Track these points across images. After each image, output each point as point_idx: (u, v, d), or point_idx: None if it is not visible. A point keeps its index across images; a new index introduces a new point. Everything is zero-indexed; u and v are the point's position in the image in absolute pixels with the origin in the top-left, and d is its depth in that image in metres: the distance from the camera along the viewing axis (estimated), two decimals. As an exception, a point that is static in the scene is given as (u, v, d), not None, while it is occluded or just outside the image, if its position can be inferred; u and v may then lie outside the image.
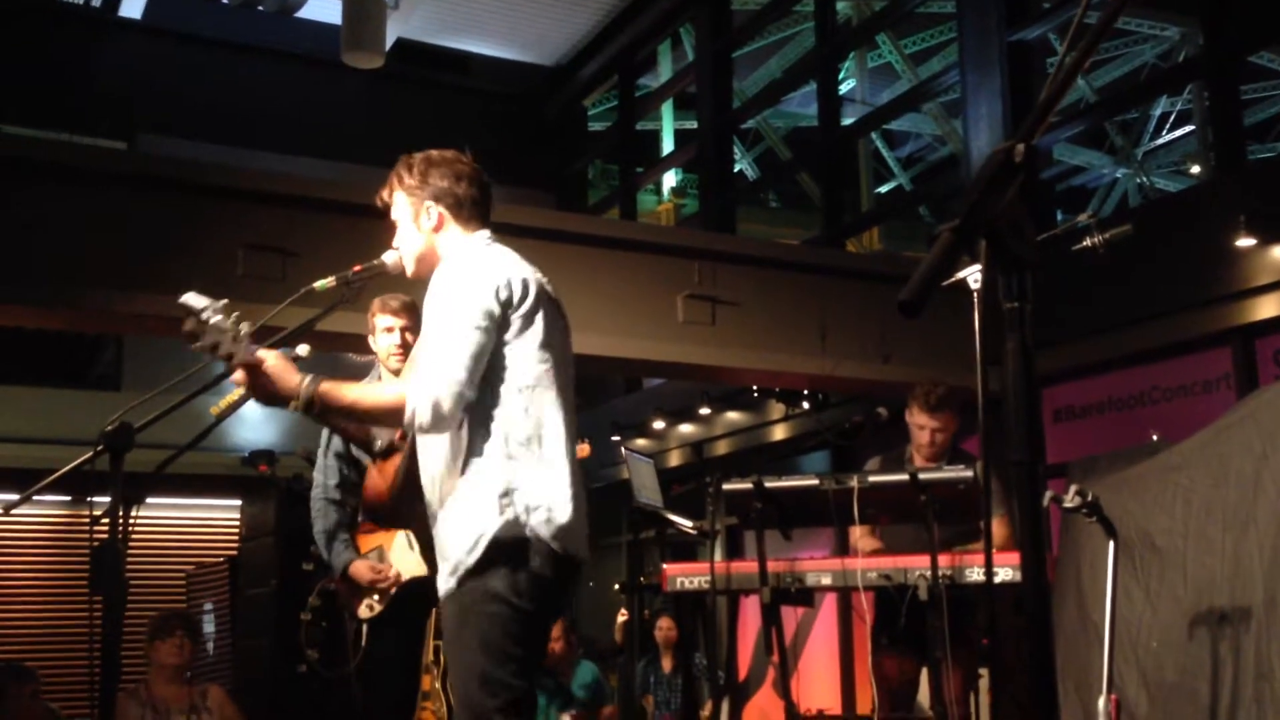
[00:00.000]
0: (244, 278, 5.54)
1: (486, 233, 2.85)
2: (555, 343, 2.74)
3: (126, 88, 10.49)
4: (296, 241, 5.60)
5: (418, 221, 2.83)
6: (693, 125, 11.25)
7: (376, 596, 4.15)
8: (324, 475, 4.27)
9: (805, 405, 8.30)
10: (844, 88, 11.28)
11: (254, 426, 9.74)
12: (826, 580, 4.22)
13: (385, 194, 2.90)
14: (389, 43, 10.08)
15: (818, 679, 8.09)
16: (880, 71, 12.11)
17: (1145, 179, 12.66)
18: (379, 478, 3.77)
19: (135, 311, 5.63)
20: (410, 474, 3.02)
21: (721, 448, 9.56)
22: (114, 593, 2.67)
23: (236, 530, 7.67)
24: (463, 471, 2.63)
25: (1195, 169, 12.38)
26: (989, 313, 1.24)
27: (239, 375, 2.59)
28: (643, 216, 11.99)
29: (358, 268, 2.98)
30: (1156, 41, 11.43)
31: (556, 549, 2.60)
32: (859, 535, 4.43)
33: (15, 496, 2.99)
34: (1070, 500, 3.31)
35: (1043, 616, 1.20)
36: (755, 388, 8.44)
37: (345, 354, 8.26)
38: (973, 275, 3.01)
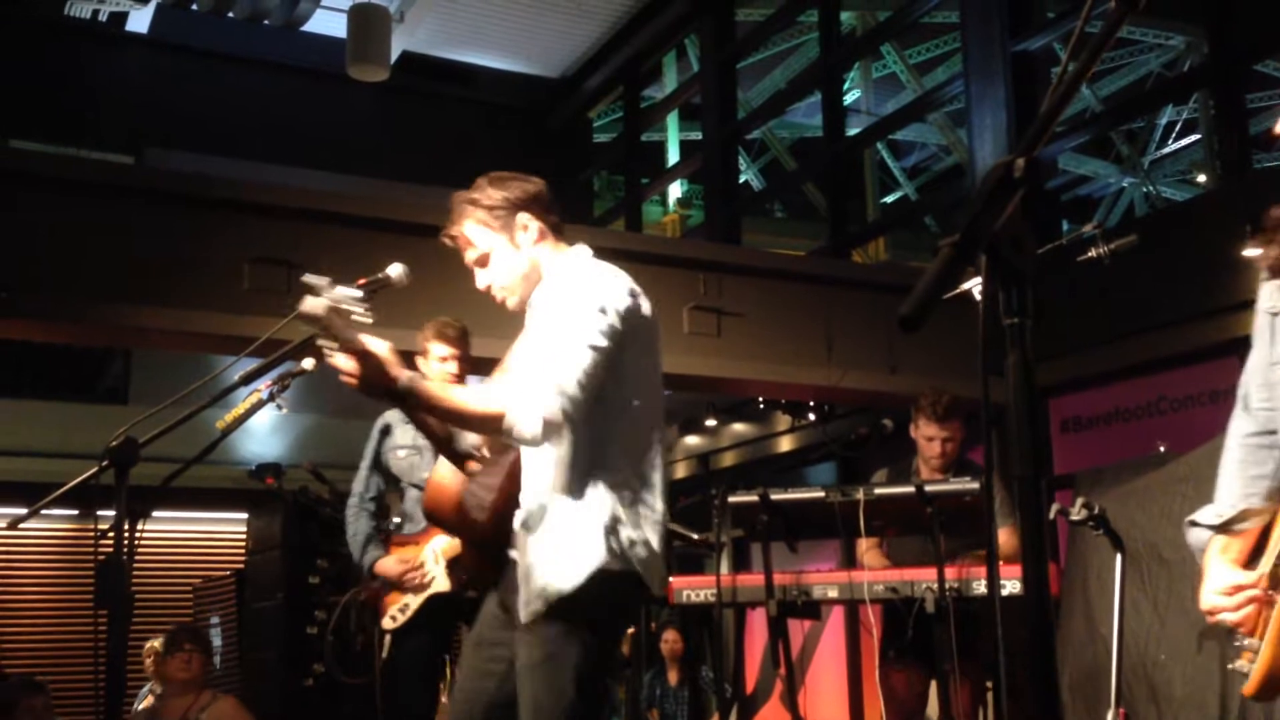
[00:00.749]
0: (249, 291, 5.56)
1: (585, 246, 2.73)
2: (656, 367, 2.65)
3: (134, 102, 10.54)
4: (302, 254, 5.60)
5: (514, 239, 2.67)
6: (698, 136, 11.27)
7: (401, 607, 4.21)
8: (362, 486, 4.40)
9: (811, 417, 8.29)
10: (849, 98, 11.30)
11: (261, 440, 9.75)
12: (833, 593, 4.21)
13: (453, 229, 2.72)
14: (394, 56, 10.11)
15: (825, 692, 8.07)
16: (885, 82, 12.12)
17: (1152, 188, 12.65)
18: (446, 480, 3.66)
19: (142, 325, 5.65)
20: (510, 486, 2.89)
21: (727, 459, 9.55)
22: (119, 607, 2.67)
23: (243, 543, 7.68)
24: (567, 495, 2.52)
25: (1202, 178, 12.37)
26: (991, 325, 1.24)
27: (345, 362, 2.45)
28: (648, 228, 12.00)
29: (363, 281, 2.98)
30: (1162, 51, 11.43)
31: (647, 584, 2.54)
32: (864, 549, 4.42)
33: (23, 510, 2.99)
34: (1077, 513, 3.30)
35: (1045, 630, 1.20)
36: (761, 399, 8.43)
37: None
38: (977, 286, 3.01)
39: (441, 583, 4.16)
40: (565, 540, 2.50)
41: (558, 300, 2.57)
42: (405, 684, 4.24)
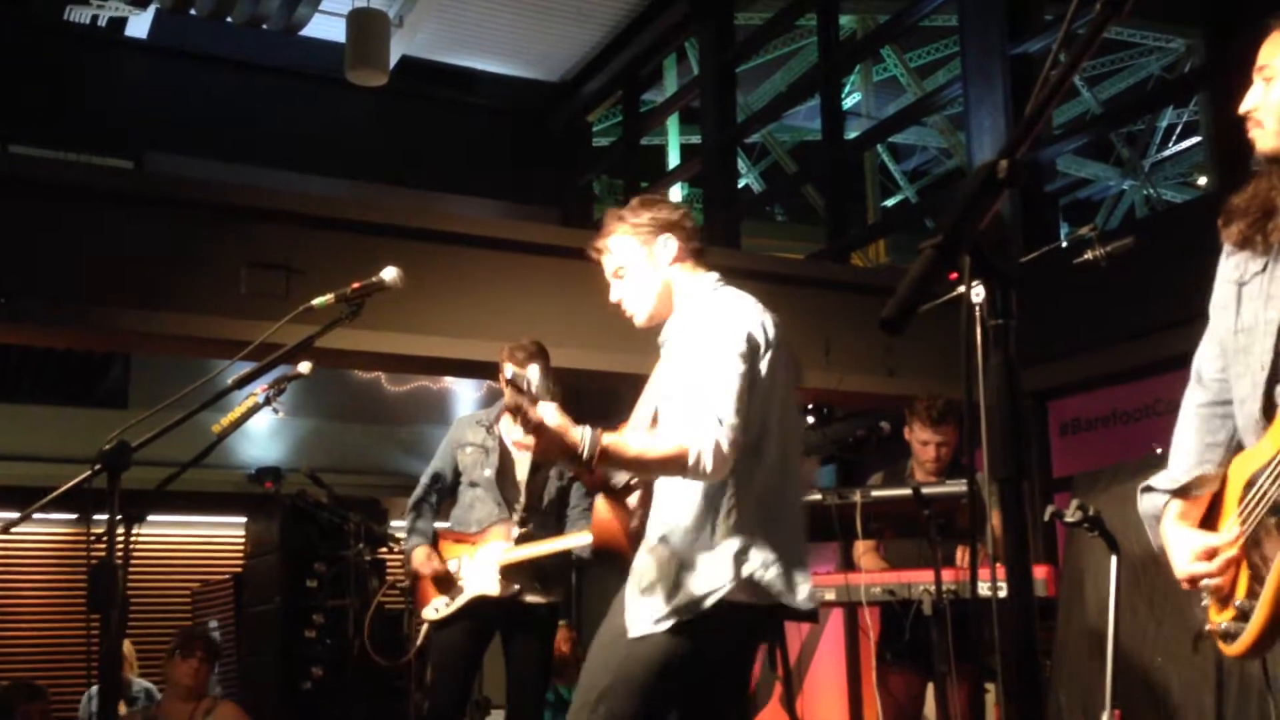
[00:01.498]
0: (247, 295, 5.57)
1: (716, 275, 2.78)
2: (787, 393, 2.68)
3: (132, 107, 10.55)
4: (300, 259, 5.62)
5: (652, 257, 2.74)
6: (698, 140, 11.27)
7: (445, 601, 4.30)
8: (426, 477, 4.58)
9: (810, 419, 8.29)
10: (849, 101, 11.30)
11: (259, 444, 9.75)
12: (830, 595, 4.21)
13: (600, 243, 2.81)
14: (393, 60, 10.12)
15: (824, 694, 8.06)
16: (885, 85, 12.12)
17: (1152, 190, 12.64)
18: (614, 517, 3.65)
19: (140, 329, 5.66)
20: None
21: (728, 462, 9.54)
22: (111, 611, 2.67)
23: (242, 547, 7.68)
24: (706, 520, 2.55)
25: (1203, 180, 12.36)
26: (981, 327, 1.24)
27: (528, 438, 2.53)
28: (648, 231, 11.98)
29: (356, 285, 2.99)
30: (1162, 53, 11.43)
31: (791, 606, 2.57)
32: (861, 551, 4.42)
33: (16, 515, 3.00)
34: (1072, 515, 3.30)
35: (1029, 633, 1.20)
36: (760, 402, 8.42)
37: (349, 371, 8.29)
38: (975, 290, 3.00)
39: (490, 586, 4.24)
40: (693, 565, 2.53)
41: (698, 330, 2.60)
42: (439, 677, 4.33)
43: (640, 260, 2.75)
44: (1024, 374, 1.36)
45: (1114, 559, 3.32)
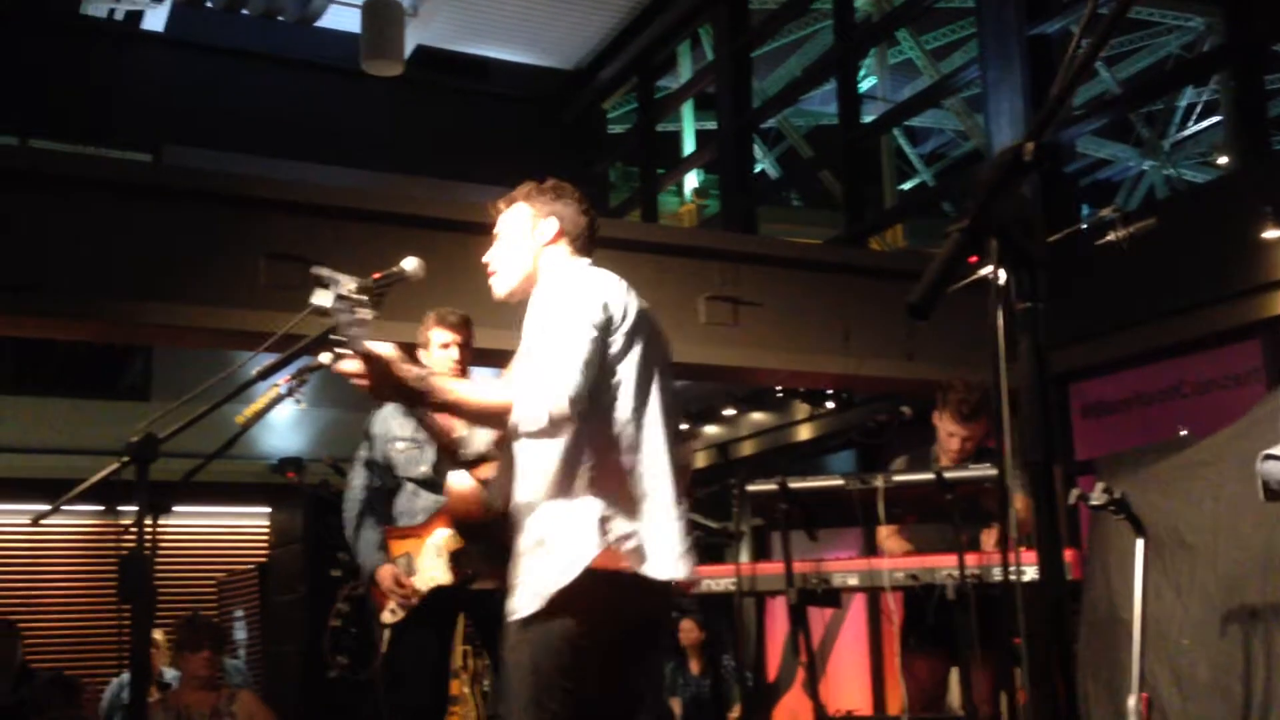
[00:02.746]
0: (266, 287, 5.58)
1: (588, 261, 2.84)
2: (656, 364, 2.69)
3: (150, 100, 10.59)
4: (318, 250, 5.62)
5: (532, 232, 2.80)
6: (713, 126, 11.23)
7: (400, 601, 4.17)
8: (359, 479, 4.33)
9: (830, 405, 8.28)
10: (865, 85, 11.24)
11: (281, 434, 9.80)
12: (853, 581, 4.20)
13: (502, 204, 2.88)
14: (408, 50, 10.12)
15: (847, 680, 8.06)
16: (901, 68, 12.05)
17: (1173, 171, 12.54)
18: (467, 489, 3.68)
19: (162, 321, 5.68)
20: (505, 486, 2.94)
21: (746, 448, 9.54)
22: (141, 600, 2.69)
23: (266, 537, 7.72)
24: (562, 492, 2.56)
25: (1223, 160, 12.26)
26: (1005, 311, 1.23)
27: (353, 365, 2.50)
28: (664, 218, 11.98)
29: (377, 275, 2.99)
30: (1181, 32, 11.32)
31: (642, 574, 2.55)
32: (885, 535, 4.40)
33: (47, 507, 3.02)
34: (1097, 498, 3.28)
35: (1060, 616, 1.19)
36: (779, 388, 8.42)
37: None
38: (999, 272, 2.97)
39: (442, 575, 4.11)
40: (559, 538, 2.54)
41: (553, 299, 2.64)
42: (409, 679, 4.20)
43: (522, 231, 2.82)
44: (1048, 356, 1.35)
45: (1140, 542, 3.31)
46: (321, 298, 2.44)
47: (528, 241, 2.81)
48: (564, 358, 2.51)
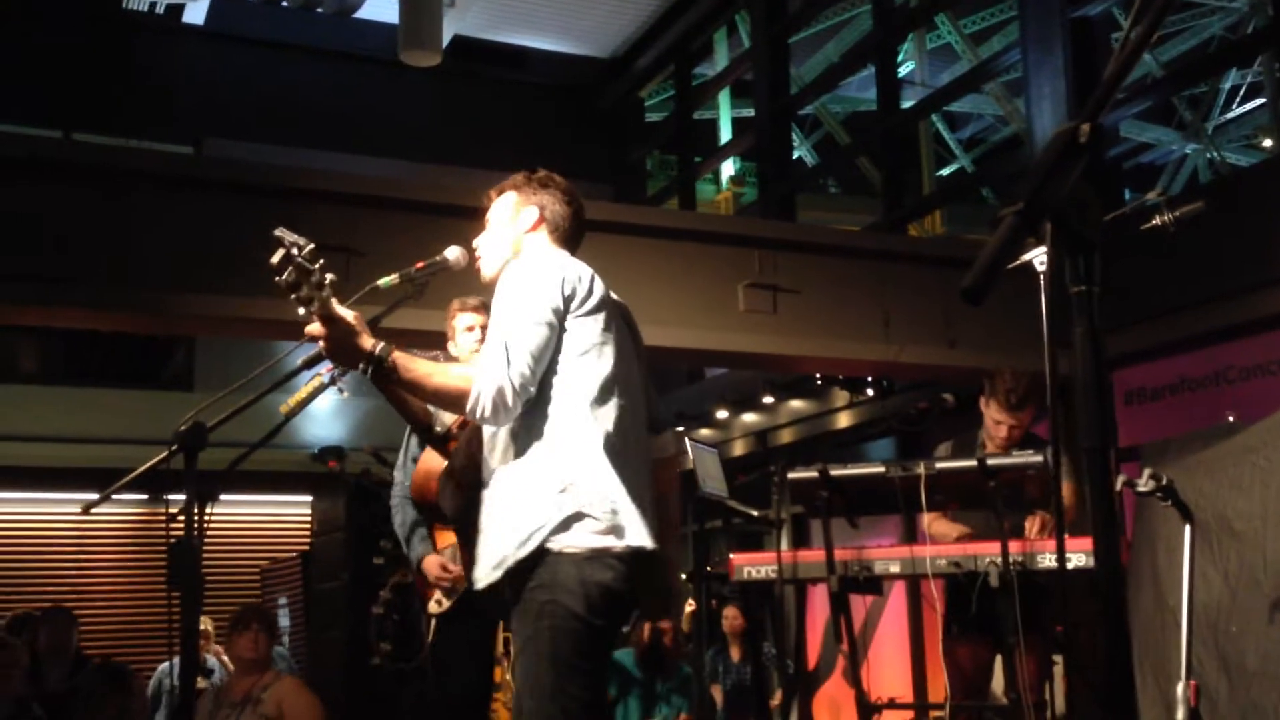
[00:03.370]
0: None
1: (565, 252, 2.87)
2: (617, 342, 2.73)
3: (192, 93, 10.69)
4: (360, 240, 5.66)
5: (515, 219, 2.86)
6: (750, 113, 11.19)
7: (446, 592, 4.20)
8: (403, 474, 4.36)
9: (870, 392, 8.24)
10: (903, 70, 11.15)
11: (323, 423, 9.88)
12: (895, 568, 4.18)
13: (494, 193, 2.95)
14: (446, 40, 10.15)
15: (888, 667, 8.04)
16: (940, 53, 11.95)
17: (1216, 154, 12.37)
18: (431, 467, 3.74)
19: (205, 313, 5.74)
20: (466, 467, 3.00)
21: (786, 436, 9.52)
22: (190, 588, 2.72)
23: (309, 525, 7.79)
24: (521, 466, 2.62)
25: (1268, 142, 12.08)
26: (1056, 296, 1.22)
27: (315, 327, 2.57)
28: (702, 206, 11.95)
29: (420, 264, 3.01)
30: (1225, 13, 11.16)
31: (619, 546, 2.57)
32: (930, 519, 4.37)
33: (95, 495, 3.06)
34: (1144, 484, 3.25)
35: (1117, 603, 1.18)
36: (819, 375, 8.38)
37: (411, 349, 8.36)
38: (1038, 257, 2.95)
39: None
40: (518, 508, 2.59)
41: (510, 285, 2.69)
42: (454, 669, 4.22)
43: (505, 218, 2.89)
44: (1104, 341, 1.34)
45: (1187, 528, 3.28)
46: (276, 256, 2.49)
47: (509, 229, 2.87)
48: (515, 346, 2.56)
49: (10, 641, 5.41)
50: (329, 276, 2.52)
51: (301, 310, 2.53)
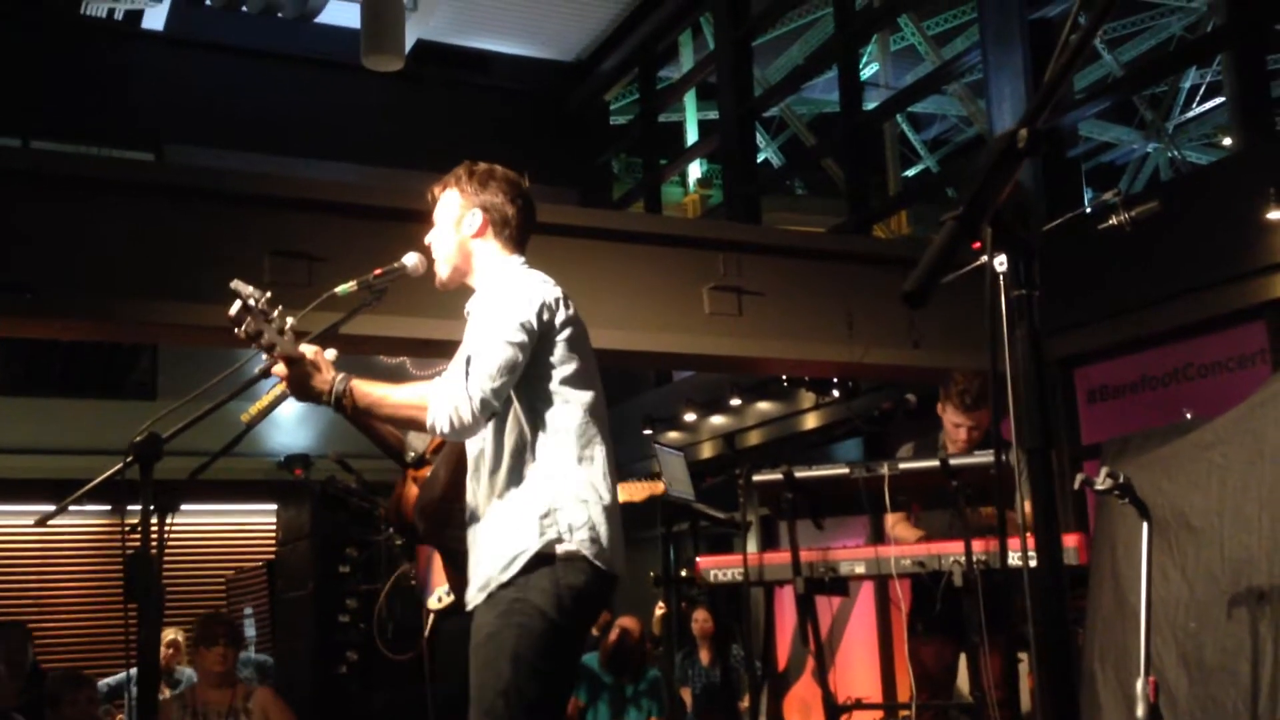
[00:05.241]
0: (270, 284, 5.54)
1: (522, 259, 2.88)
2: (589, 364, 2.77)
3: (152, 99, 10.60)
4: (321, 246, 5.63)
5: (459, 224, 2.86)
6: (716, 115, 11.22)
7: (448, 589, 4.24)
8: None
9: (835, 393, 8.27)
10: (867, 72, 11.21)
11: (288, 431, 9.82)
12: (860, 569, 4.20)
13: (437, 189, 2.94)
14: (408, 45, 10.12)
15: (856, 667, 8.07)
16: (903, 54, 12.02)
17: (1176, 153, 12.51)
18: (408, 491, 3.78)
19: (167, 321, 5.69)
20: (440, 491, 3.04)
21: (753, 438, 9.55)
22: (148, 600, 2.70)
23: (274, 534, 7.75)
24: (505, 488, 2.64)
25: (1227, 141, 12.22)
26: (1003, 298, 1.23)
27: (279, 368, 2.62)
28: (669, 209, 11.97)
29: (379, 271, 3.00)
30: (1183, 13, 11.28)
31: (600, 565, 2.61)
32: (893, 523, 4.40)
33: (53, 508, 3.02)
34: (1102, 482, 3.28)
35: (1058, 601, 1.19)
36: (785, 377, 8.41)
37: (374, 356, 8.33)
38: (998, 260, 2.96)
39: None
40: (502, 533, 2.62)
41: (488, 304, 2.72)
42: (451, 664, 4.26)
43: (450, 220, 2.88)
44: (1050, 341, 1.35)
45: (1145, 525, 3.31)
46: (233, 309, 2.60)
47: (454, 234, 2.87)
48: (481, 363, 2.58)
49: None
50: (288, 321, 2.60)
51: (264, 355, 2.61)
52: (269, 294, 2.61)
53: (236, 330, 2.58)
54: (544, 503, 2.60)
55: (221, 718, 5.00)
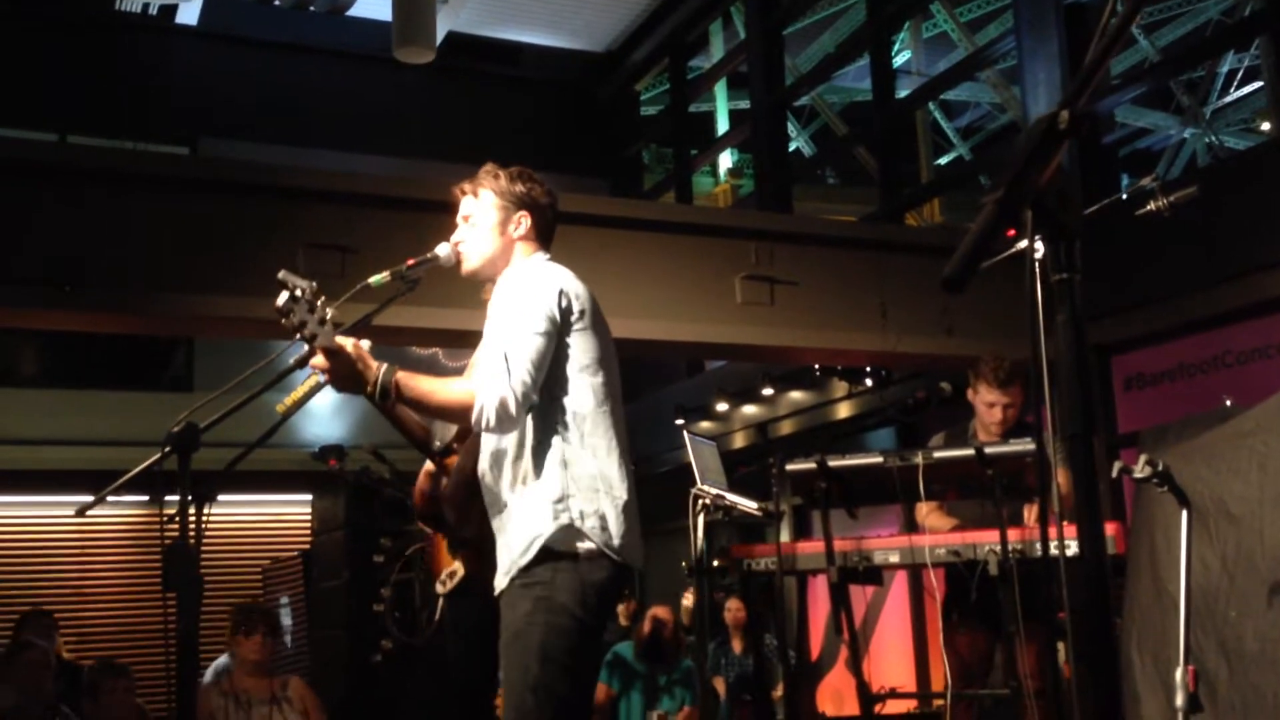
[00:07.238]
0: (305, 276, 5.60)
1: (547, 254, 2.95)
2: (607, 354, 2.82)
3: (186, 94, 10.68)
4: (355, 238, 5.66)
5: (504, 225, 2.90)
6: (747, 105, 11.18)
7: (451, 572, 4.23)
8: None
9: (868, 382, 8.23)
10: (899, 59, 11.14)
11: (322, 422, 9.89)
12: (894, 558, 4.18)
13: (469, 186, 2.97)
14: (439, 37, 10.13)
15: (890, 657, 8.04)
16: (936, 41, 11.94)
17: (1214, 138, 12.35)
18: (429, 480, 3.78)
19: (203, 313, 5.74)
20: (466, 480, 3.07)
21: (785, 428, 9.52)
22: (186, 590, 2.72)
23: (309, 524, 7.80)
24: (525, 476, 2.69)
25: (1265, 125, 12.06)
26: (1043, 283, 1.21)
27: (319, 360, 2.64)
28: (699, 199, 11.94)
29: (411, 261, 3.01)
30: (1220, -3, 11.14)
31: (614, 557, 2.66)
32: (925, 513, 4.38)
33: (92, 498, 3.05)
34: (1140, 470, 3.24)
35: (1102, 589, 1.18)
36: (817, 366, 8.38)
37: (407, 348, 8.37)
38: (1036, 245, 2.92)
39: None
40: (520, 518, 2.67)
41: (510, 298, 2.76)
42: (456, 648, 4.26)
43: (492, 222, 2.91)
44: (1087, 328, 1.33)
45: (1184, 514, 3.27)
46: (281, 299, 2.60)
47: (498, 236, 2.91)
48: (516, 356, 2.63)
49: (39, 644, 5.45)
50: (330, 312, 2.62)
51: (306, 346, 2.63)
52: (315, 285, 2.63)
53: (283, 321, 2.59)
54: (558, 489, 2.65)
55: (265, 705, 5.07)
